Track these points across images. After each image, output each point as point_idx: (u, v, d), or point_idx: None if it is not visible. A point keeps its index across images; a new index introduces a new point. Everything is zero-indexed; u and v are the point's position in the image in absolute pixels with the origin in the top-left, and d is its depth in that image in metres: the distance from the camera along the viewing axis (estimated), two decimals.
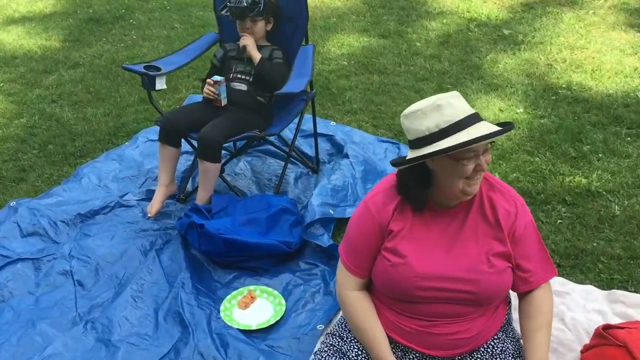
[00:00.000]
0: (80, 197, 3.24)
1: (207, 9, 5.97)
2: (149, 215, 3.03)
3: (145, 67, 3.05)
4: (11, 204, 3.16)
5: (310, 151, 3.55)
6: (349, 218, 2.95)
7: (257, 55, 3.07)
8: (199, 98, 3.27)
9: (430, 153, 1.72)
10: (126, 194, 3.23)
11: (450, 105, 1.75)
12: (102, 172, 3.45)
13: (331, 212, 2.86)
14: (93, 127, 3.98)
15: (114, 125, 3.98)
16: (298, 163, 3.43)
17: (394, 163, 1.88)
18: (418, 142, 1.78)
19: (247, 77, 3.10)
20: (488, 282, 1.84)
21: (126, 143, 3.74)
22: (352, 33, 5.19)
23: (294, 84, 2.81)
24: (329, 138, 3.61)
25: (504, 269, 1.87)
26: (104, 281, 2.70)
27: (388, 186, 1.94)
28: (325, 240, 2.74)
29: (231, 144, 3.38)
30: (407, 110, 1.81)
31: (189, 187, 3.33)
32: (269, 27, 3.18)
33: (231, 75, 3.13)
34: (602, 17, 5.10)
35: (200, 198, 3.00)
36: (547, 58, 4.53)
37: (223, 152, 3.54)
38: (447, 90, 4.17)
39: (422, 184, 1.85)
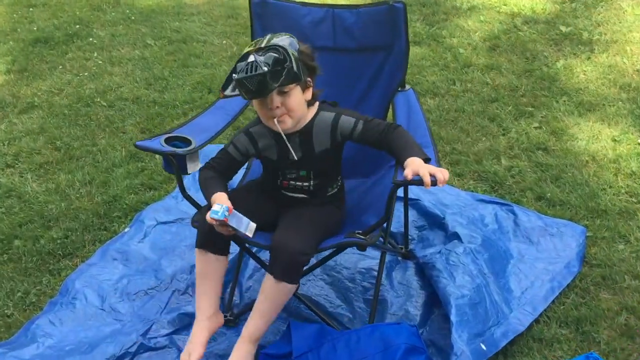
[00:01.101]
0: (79, 335, 2.17)
1: (182, 17, 4.84)
2: None
3: (167, 142, 1.99)
4: None
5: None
6: (502, 349, 2.03)
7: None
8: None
9: None
10: (150, 325, 2.18)
11: None
12: (102, 284, 2.38)
13: (482, 347, 1.90)
14: (72, 204, 2.86)
15: (103, 201, 2.88)
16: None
17: None
18: None
19: (306, 187, 2.05)
20: None
21: (126, 229, 2.66)
22: None
23: None
24: (414, 203, 2.63)
25: None
26: None
27: None
28: None
29: None
30: None
31: (237, 298, 2.32)
32: (309, 95, 1.94)
33: (278, 181, 2.08)
34: None
35: (253, 330, 1.94)
36: (632, 62, 3.67)
37: None
38: (531, 114, 3.26)
39: None
